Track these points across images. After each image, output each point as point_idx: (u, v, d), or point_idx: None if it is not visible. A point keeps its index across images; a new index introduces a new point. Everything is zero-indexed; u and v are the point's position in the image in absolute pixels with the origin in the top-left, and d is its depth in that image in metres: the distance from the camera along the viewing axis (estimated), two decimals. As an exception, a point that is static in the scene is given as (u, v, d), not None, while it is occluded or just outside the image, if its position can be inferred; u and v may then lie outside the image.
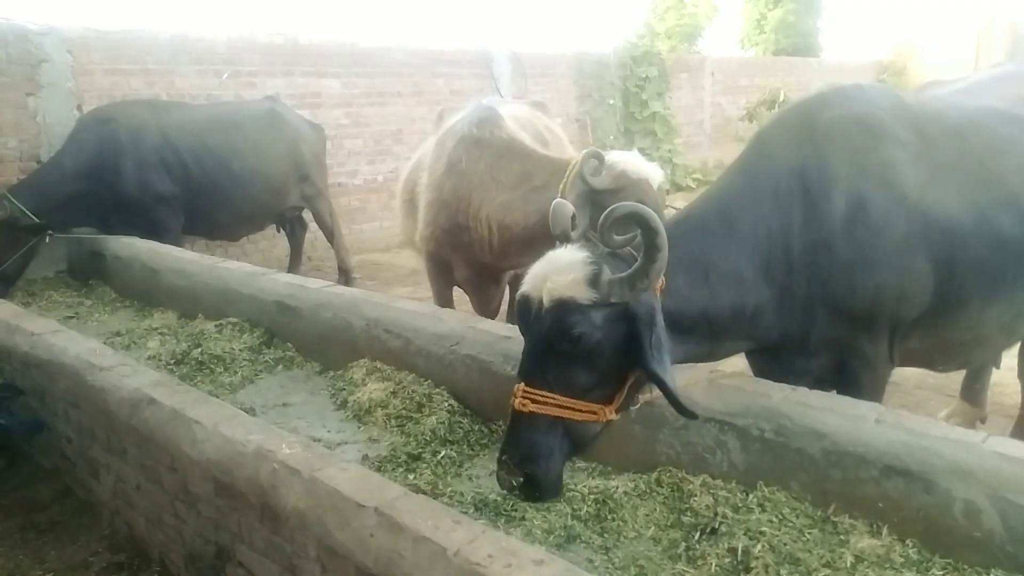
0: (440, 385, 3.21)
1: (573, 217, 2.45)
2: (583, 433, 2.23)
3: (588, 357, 2.14)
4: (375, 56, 9.15)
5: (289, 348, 4.01)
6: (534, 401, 2.14)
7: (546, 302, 2.12)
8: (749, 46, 23.21)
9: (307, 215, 7.53)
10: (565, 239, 2.37)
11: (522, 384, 2.19)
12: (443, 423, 2.98)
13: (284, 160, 6.80)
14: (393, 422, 3.09)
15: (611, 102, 12.02)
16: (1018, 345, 3.53)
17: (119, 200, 5.91)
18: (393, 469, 2.74)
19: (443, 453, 2.83)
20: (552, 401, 2.14)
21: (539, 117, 5.01)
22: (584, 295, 2.09)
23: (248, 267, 4.78)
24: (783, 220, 2.44)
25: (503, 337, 3.12)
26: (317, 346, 3.89)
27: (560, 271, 2.13)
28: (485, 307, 4.46)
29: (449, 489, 2.59)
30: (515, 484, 2.20)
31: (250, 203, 6.64)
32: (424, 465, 2.76)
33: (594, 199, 3.32)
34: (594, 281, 2.09)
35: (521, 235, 3.83)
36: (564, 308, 2.10)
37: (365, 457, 2.85)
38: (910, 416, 2.27)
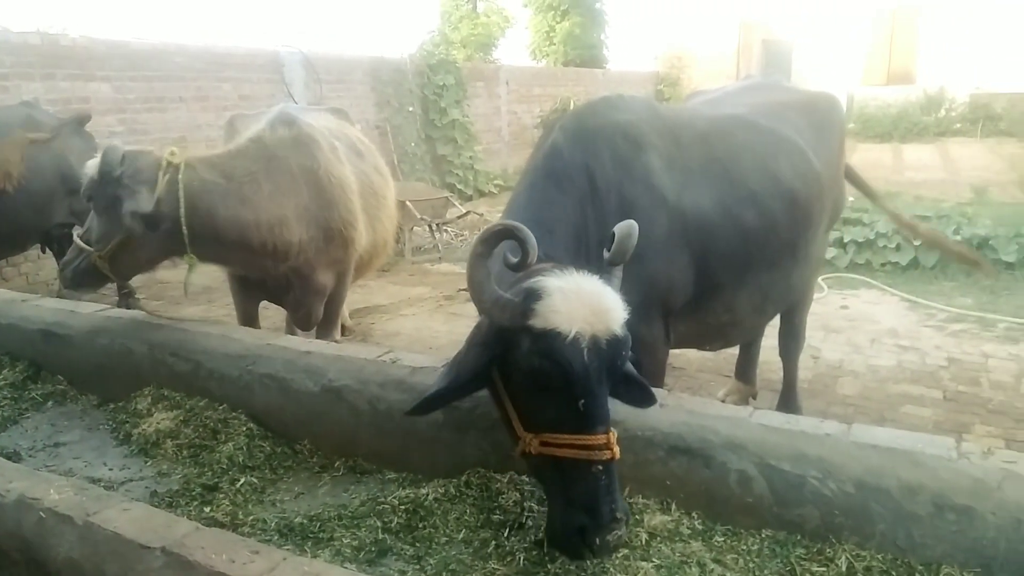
0: (237, 408, 3.02)
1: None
2: None
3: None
4: (152, 58, 8.49)
5: (60, 381, 3.59)
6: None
7: (606, 339, 1.87)
8: (540, 57, 24.25)
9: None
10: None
11: (611, 431, 1.92)
12: (241, 449, 2.81)
13: (47, 172, 6.10)
14: (185, 452, 2.87)
15: (410, 109, 12.04)
16: (779, 327, 3.99)
17: None
18: (187, 504, 2.54)
19: (243, 480, 2.67)
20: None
21: (348, 126, 4.89)
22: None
23: (7, 293, 4.24)
24: (582, 215, 2.58)
25: (304, 352, 3.01)
26: (94, 377, 3.52)
27: (608, 305, 1.90)
28: (303, 322, 4.25)
29: (251, 518, 2.44)
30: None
31: (7, 221, 5.88)
32: (222, 495, 2.58)
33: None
34: None
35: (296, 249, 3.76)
36: (620, 343, 1.92)
37: (154, 494, 2.62)
38: (689, 398, 2.47)
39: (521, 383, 1.96)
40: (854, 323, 5.73)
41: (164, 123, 8.62)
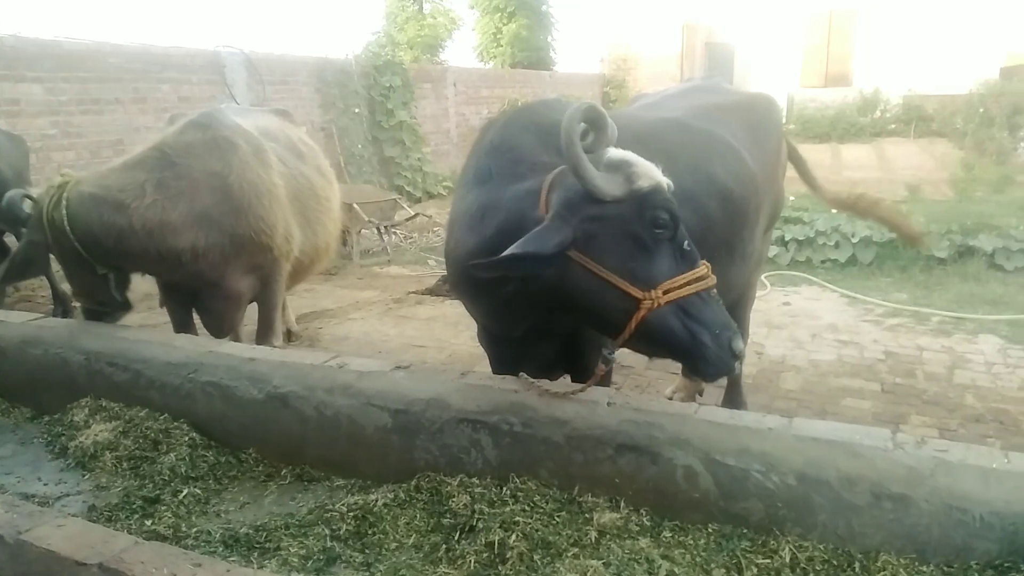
0: (179, 418, 2.95)
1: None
2: None
3: None
4: (87, 59, 8.22)
5: (-10, 394, 3.46)
6: None
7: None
8: (488, 58, 24.26)
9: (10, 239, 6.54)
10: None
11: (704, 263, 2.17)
12: (184, 459, 2.75)
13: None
14: (125, 465, 2.79)
15: (357, 111, 11.91)
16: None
17: None
18: (127, 517, 2.47)
19: (186, 492, 2.61)
20: None
21: (289, 127, 4.81)
22: None
23: (-69, 304, 4.06)
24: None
25: (247, 359, 2.95)
26: (26, 389, 3.39)
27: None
28: (214, 328, 4.13)
29: (194, 530, 2.39)
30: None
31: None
32: (164, 508, 2.52)
33: None
34: None
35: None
36: None
37: (92, 508, 2.54)
38: (636, 396, 2.50)
39: (630, 246, 2.08)
40: (796, 319, 5.87)
41: (100, 126, 8.35)
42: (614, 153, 2.14)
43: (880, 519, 2.01)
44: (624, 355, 4.88)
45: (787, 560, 2.03)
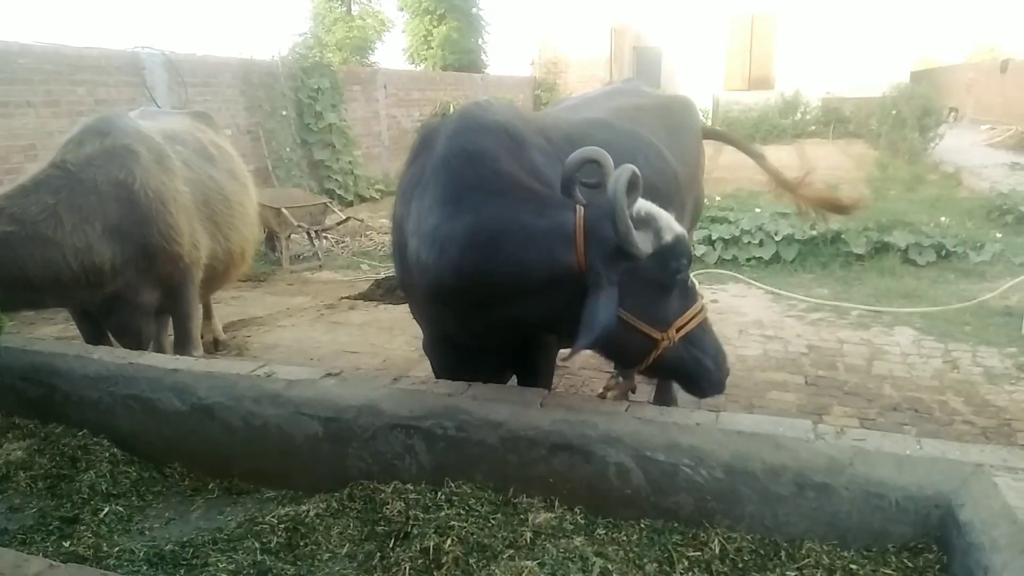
0: (99, 434, 2.84)
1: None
2: None
3: None
4: (-8, 60, 7.81)
5: None
6: None
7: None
8: (419, 61, 24.15)
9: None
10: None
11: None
12: (104, 476, 2.65)
13: None
14: (41, 484, 2.66)
15: (284, 113, 11.67)
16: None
17: None
18: (43, 539, 2.36)
19: (107, 510, 2.51)
20: None
21: (202, 130, 4.66)
22: None
23: None
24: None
25: (170, 371, 2.86)
26: (-70, 408, 3.20)
27: None
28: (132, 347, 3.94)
29: (116, 549, 2.30)
30: None
31: None
32: (83, 527, 2.42)
33: None
34: None
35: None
36: None
37: (4, 531, 2.41)
38: (569, 396, 2.53)
39: (653, 293, 2.26)
40: (723, 316, 6.03)
41: (10, 130, 7.95)
42: (640, 206, 2.24)
43: (803, 508, 2.08)
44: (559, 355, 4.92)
45: (717, 552, 2.08)
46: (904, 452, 2.06)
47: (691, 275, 2.38)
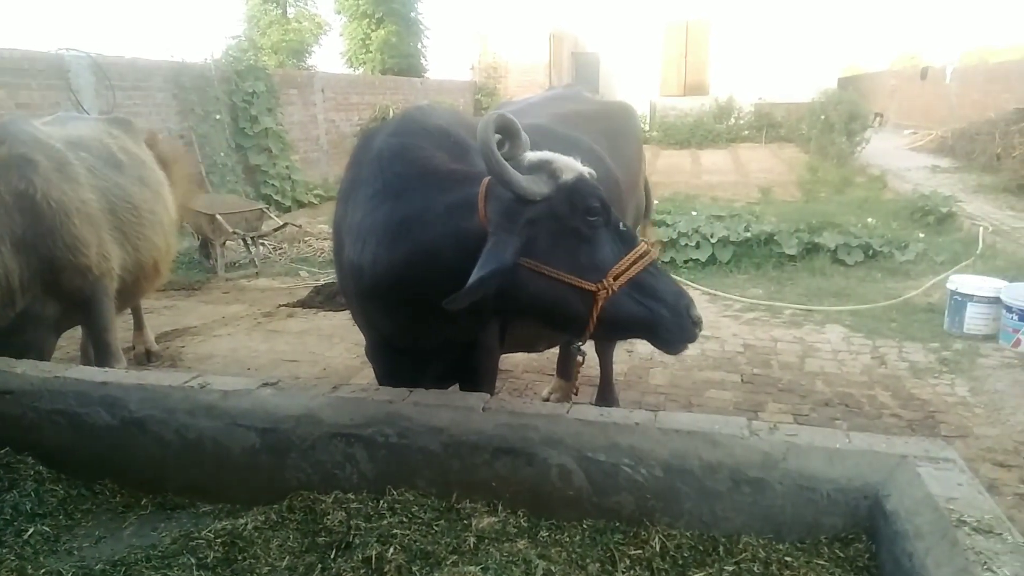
0: (22, 451, 2.71)
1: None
2: None
3: None
4: (-98, 61, 7.43)
5: None
6: None
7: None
8: (357, 64, 23.93)
9: None
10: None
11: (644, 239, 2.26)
12: (29, 495, 2.53)
13: None
14: (-42, 507, 2.52)
15: (218, 117, 11.40)
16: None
17: None
18: (-39, 565, 2.24)
19: (32, 530, 2.40)
20: None
21: (113, 136, 4.45)
22: None
23: None
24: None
25: (99, 384, 2.75)
26: None
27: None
28: None
29: (42, 571, 2.20)
30: None
31: None
32: (6, 550, 2.31)
33: None
34: None
35: None
36: None
37: (-82, 558, 2.28)
38: (511, 400, 2.53)
39: (572, 241, 2.11)
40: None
41: (-78, 134, 7.56)
42: (532, 155, 2.18)
43: (740, 503, 2.13)
44: (501, 360, 4.93)
45: (657, 549, 2.11)
46: (834, 446, 2.13)
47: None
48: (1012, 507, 3.26)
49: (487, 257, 2.01)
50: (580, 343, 2.32)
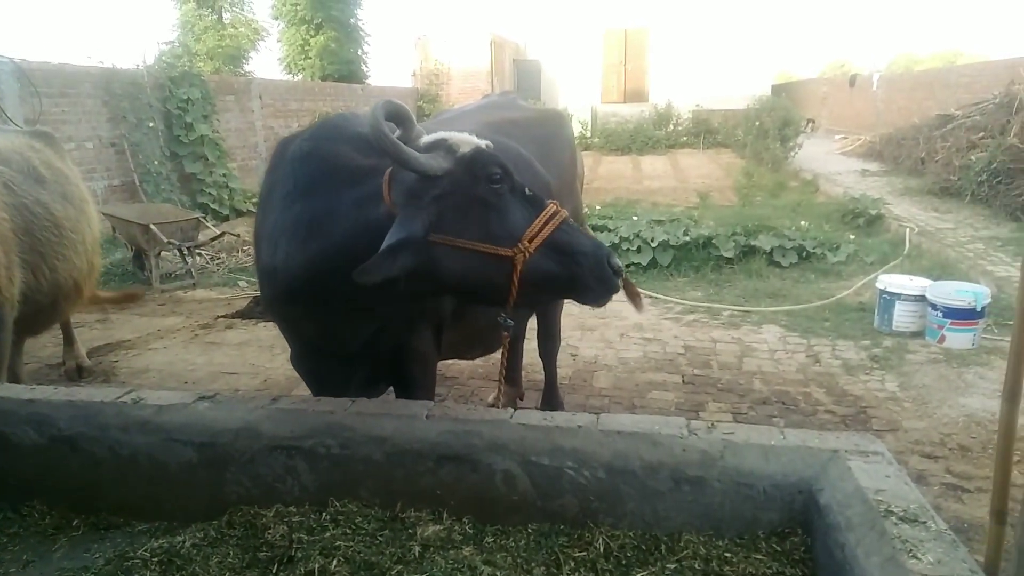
0: (-58, 475, 2.59)
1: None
2: None
3: None
4: None
5: None
6: None
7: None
8: (296, 71, 23.59)
9: None
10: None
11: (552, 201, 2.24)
12: (-50, 521, 2.41)
13: None
14: None
15: (151, 124, 11.08)
16: (536, 329, 4.22)
17: None
18: None
19: (-47, 558, 2.29)
20: None
21: (36, 150, 4.27)
22: None
23: None
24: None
25: (26, 401, 2.64)
26: None
27: None
28: None
29: (-36, 599, 2.11)
30: None
31: None
32: (-75, 579, 2.20)
33: None
34: None
35: None
36: None
37: None
38: (455, 406, 2.53)
39: (481, 211, 2.12)
40: (606, 320, 6.21)
41: None
42: (427, 137, 2.21)
43: (680, 502, 2.17)
44: (446, 367, 4.92)
45: (601, 550, 2.13)
46: (769, 443, 2.19)
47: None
48: (939, 496, 3.40)
49: (395, 229, 2.02)
50: (507, 317, 2.32)
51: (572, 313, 5.68)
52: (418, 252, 2.04)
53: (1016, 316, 1.92)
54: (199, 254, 8.74)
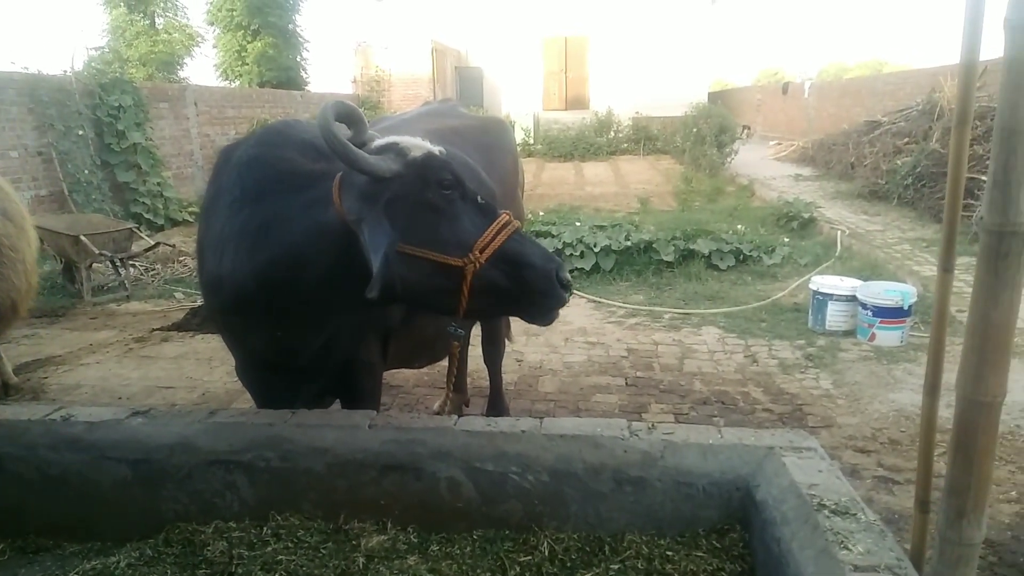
0: None
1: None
2: None
3: None
4: None
5: None
6: None
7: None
8: (233, 77, 23.15)
9: None
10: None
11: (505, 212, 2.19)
12: None
13: None
14: None
15: (80, 132, 10.72)
16: (481, 335, 4.22)
17: None
18: None
19: None
20: None
21: None
22: None
23: None
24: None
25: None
26: None
27: None
28: None
29: None
30: None
31: None
32: None
33: None
34: None
35: None
36: None
37: None
38: (398, 415, 2.52)
39: (431, 217, 2.08)
40: (551, 326, 6.24)
41: None
42: (379, 140, 2.19)
43: (623, 502, 2.21)
44: (392, 376, 4.88)
45: (546, 554, 2.15)
46: (708, 442, 2.25)
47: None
48: (871, 489, 3.52)
49: (372, 242, 1.98)
50: (457, 327, 2.30)
51: (517, 319, 5.70)
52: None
53: (934, 314, 2.01)
54: (133, 265, 8.47)
